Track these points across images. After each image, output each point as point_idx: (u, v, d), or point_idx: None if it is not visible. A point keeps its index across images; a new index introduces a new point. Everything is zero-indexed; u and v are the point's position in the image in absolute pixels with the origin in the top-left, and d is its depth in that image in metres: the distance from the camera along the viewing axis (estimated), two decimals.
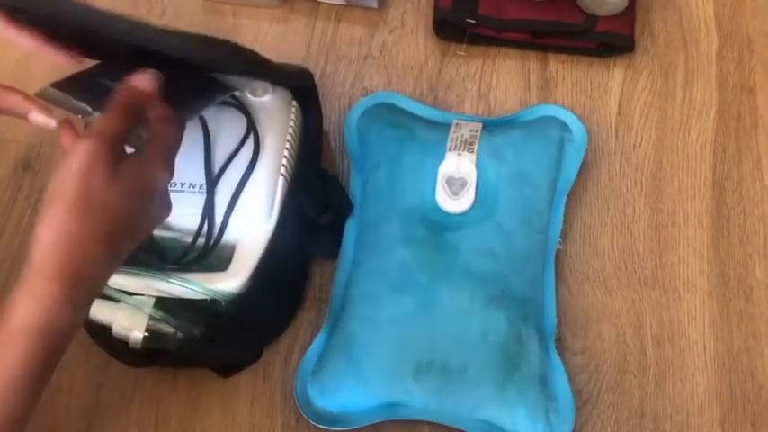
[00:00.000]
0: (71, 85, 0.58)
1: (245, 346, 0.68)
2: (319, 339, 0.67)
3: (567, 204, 0.72)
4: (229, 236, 0.60)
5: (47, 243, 0.47)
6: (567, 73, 0.80)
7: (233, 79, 0.65)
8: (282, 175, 0.63)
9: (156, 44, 0.53)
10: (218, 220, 0.60)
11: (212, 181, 0.60)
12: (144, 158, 0.51)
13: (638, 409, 0.66)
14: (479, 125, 0.73)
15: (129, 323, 0.61)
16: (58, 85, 0.58)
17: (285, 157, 0.64)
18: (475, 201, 0.69)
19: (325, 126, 0.77)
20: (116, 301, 0.61)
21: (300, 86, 0.68)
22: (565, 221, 0.71)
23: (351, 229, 0.71)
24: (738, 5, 0.84)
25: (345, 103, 0.79)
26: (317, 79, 0.79)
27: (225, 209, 0.60)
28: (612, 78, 0.80)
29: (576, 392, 0.66)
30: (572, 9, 0.79)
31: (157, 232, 0.60)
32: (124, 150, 0.52)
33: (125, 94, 0.53)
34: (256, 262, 0.61)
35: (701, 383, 0.67)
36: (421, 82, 0.80)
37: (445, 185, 0.69)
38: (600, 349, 0.69)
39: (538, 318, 0.67)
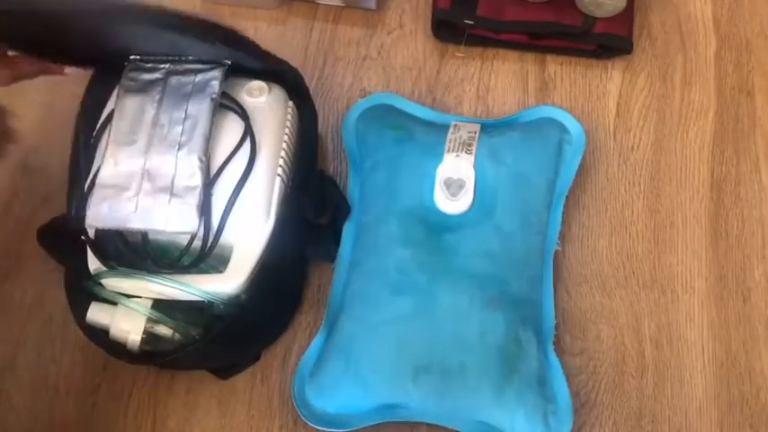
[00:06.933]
0: None
1: (242, 348, 0.67)
2: (317, 341, 0.67)
3: (565, 206, 0.72)
4: (227, 238, 0.60)
5: None
6: (566, 74, 0.80)
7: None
8: (280, 176, 0.63)
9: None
10: (216, 222, 0.60)
11: (209, 182, 0.60)
12: None
13: (637, 410, 0.66)
14: (478, 126, 0.72)
15: (127, 325, 0.60)
16: None
17: (282, 158, 0.64)
18: (473, 202, 0.69)
19: (324, 127, 0.77)
20: (114, 303, 0.61)
21: (284, 71, 0.67)
22: (563, 223, 0.71)
23: (349, 230, 0.71)
24: (737, 7, 0.84)
25: (344, 105, 0.79)
26: (315, 81, 0.80)
27: (222, 211, 0.60)
28: (611, 80, 0.80)
29: (575, 394, 0.66)
30: (570, 10, 0.79)
31: (153, 235, 0.60)
32: None
33: None
34: (254, 264, 0.61)
35: (699, 385, 0.67)
36: (419, 83, 0.80)
37: (443, 187, 0.69)
38: (598, 351, 0.69)
39: (536, 319, 0.67)
